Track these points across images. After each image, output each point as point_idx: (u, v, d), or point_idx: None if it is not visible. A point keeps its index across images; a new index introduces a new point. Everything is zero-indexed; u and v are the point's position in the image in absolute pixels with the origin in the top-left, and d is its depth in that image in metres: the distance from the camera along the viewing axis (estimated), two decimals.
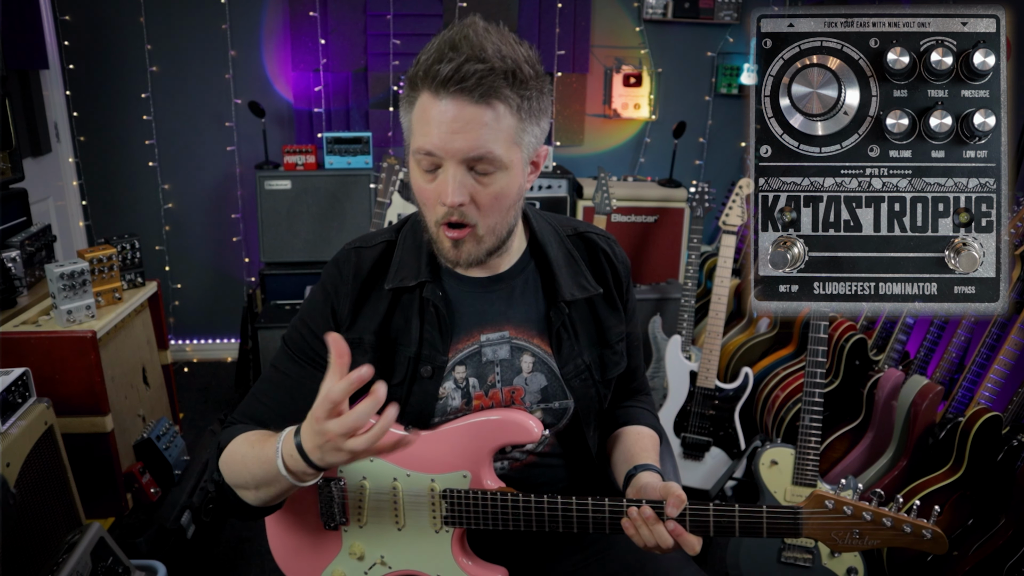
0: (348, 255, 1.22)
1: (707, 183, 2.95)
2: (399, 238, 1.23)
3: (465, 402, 1.21)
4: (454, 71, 0.98)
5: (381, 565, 1.24)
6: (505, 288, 1.21)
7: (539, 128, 1.09)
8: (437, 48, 1.01)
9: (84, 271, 2.08)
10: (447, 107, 1.00)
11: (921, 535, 1.07)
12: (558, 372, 1.22)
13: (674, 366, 2.68)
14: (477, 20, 1.03)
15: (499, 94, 1.00)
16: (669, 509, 1.07)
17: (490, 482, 1.18)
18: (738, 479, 2.56)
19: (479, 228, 1.08)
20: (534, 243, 1.24)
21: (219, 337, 3.95)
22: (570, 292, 1.21)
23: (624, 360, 1.31)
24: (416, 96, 1.04)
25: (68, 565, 1.52)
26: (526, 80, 1.02)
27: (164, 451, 2.19)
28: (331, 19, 3.55)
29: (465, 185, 1.04)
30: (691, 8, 3.71)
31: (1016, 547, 1.90)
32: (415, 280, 1.17)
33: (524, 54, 1.03)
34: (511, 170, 1.06)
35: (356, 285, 1.19)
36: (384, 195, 2.91)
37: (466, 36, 1.00)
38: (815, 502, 1.09)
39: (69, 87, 3.45)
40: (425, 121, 1.03)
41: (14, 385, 1.67)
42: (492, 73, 0.99)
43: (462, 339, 1.20)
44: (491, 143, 1.02)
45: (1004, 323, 2.12)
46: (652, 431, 1.33)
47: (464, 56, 0.98)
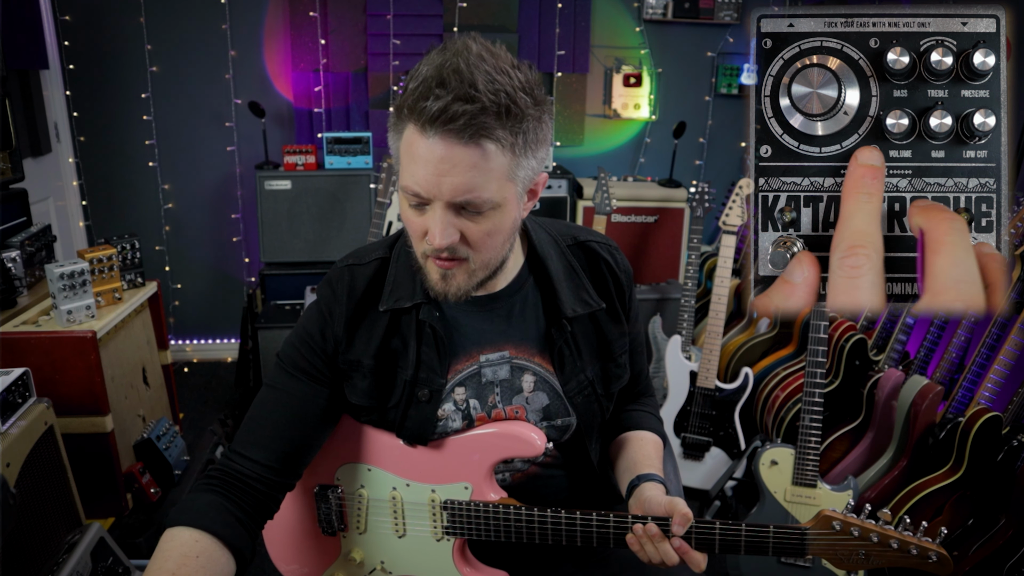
0: (341, 274, 1.17)
1: (707, 183, 2.95)
2: (393, 255, 1.18)
3: (466, 424, 1.18)
4: (441, 111, 0.91)
5: (381, 571, 1.23)
6: (504, 307, 1.17)
7: (535, 159, 1.02)
8: (424, 81, 0.93)
9: (84, 271, 2.08)
10: (434, 146, 0.93)
11: (927, 557, 1.07)
12: (560, 390, 1.19)
13: (674, 366, 2.68)
14: (471, 44, 0.95)
15: (490, 134, 0.93)
16: (675, 528, 1.06)
17: (492, 494, 1.16)
18: (738, 479, 2.56)
19: (471, 262, 1.03)
20: (533, 257, 1.19)
21: (219, 337, 3.95)
22: (572, 308, 1.16)
23: (627, 373, 1.28)
24: (403, 126, 0.98)
25: (68, 565, 1.52)
26: (521, 113, 0.94)
27: (164, 451, 2.18)
28: (331, 19, 3.55)
29: (454, 225, 0.98)
30: (691, 8, 3.71)
31: (1016, 547, 1.90)
32: (411, 301, 1.13)
33: (520, 81, 0.95)
34: (504, 207, 1.00)
35: (350, 306, 1.14)
36: (384, 195, 2.90)
37: (456, 69, 0.91)
38: (822, 523, 1.08)
39: (69, 87, 3.45)
40: (412, 158, 0.96)
41: (14, 385, 1.67)
42: (483, 113, 0.91)
43: (461, 360, 1.17)
44: (480, 186, 0.95)
45: (1004, 323, 2.12)
46: (655, 436, 1.32)
47: (452, 94, 0.90)
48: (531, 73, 0.99)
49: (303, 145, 3.37)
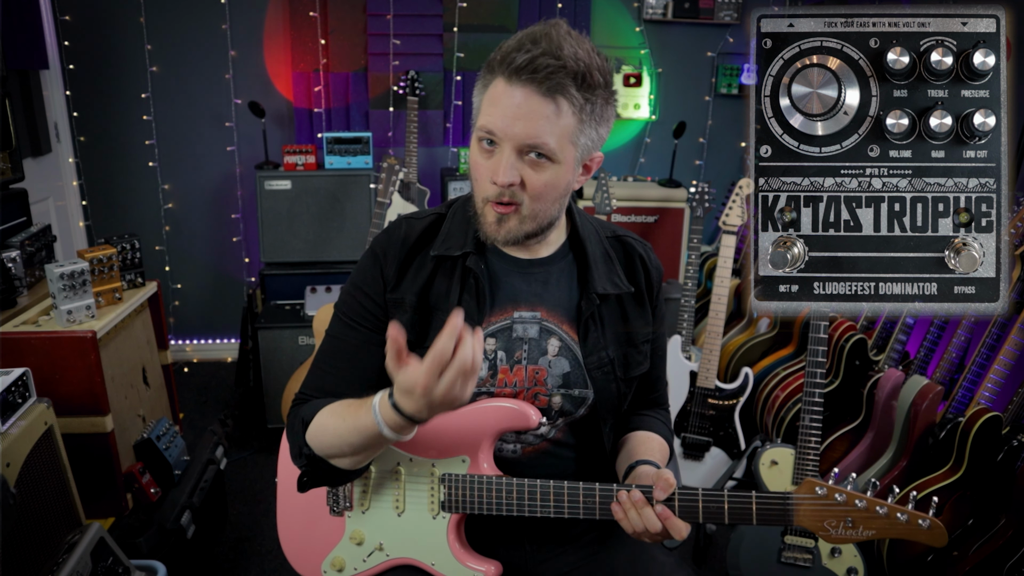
0: (399, 223, 1.28)
1: (707, 183, 2.95)
2: (449, 212, 1.29)
3: (491, 374, 1.24)
4: (528, 61, 1.03)
5: (379, 551, 1.27)
6: (543, 272, 1.26)
7: (597, 133, 1.13)
8: (519, 39, 1.07)
9: (84, 271, 2.08)
10: (515, 93, 1.06)
11: (917, 524, 1.06)
12: (582, 361, 1.25)
13: (674, 366, 2.68)
14: (562, 23, 1.09)
15: (565, 91, 1.05)
16: (657, 492, 1.10)
17: (487, 466, 1.21)
18: (738, 479, 2.57)
19: (524, 208, 1.13)
20: (575, 237, 1.28)
21: (219, 337, 3.95)
22: (602, 286, 1.25)
23: (647, 361, 1.33)
24: (491, 79, 1.10)
25: (68, 565, 1.52)
26: (594, 85, 1.07)
27: (164, 451, 2.18)
28: (331, 19, 3.55)
29: (517, 168, 1.09)
30: (691, 8, 3.71)
31: (1016, 547, 1.90)
32: (460, 251, 1.22)
33: (599, 63, 1.08)
34: (562, 165, 1.11)
35: (404, 250, 1.24)
36: (384, 195, 2.90)
37: (547, 33, 1.06)
38: (806, 488, 1.09)
39: (69, 87, 3.45)
40: (493, 102, 1.08)
41: (14, 385, 1.67)
42: (563, 70, 1.04)
43: (496, 313, 1.24)
44: (547, 135, 1.07)
45: (1004, 323, 2.12)
46: (663, 440, 1.34)
47: (541, 50, 1.04)
48: (607, 63, 1.11)
49: (303, 145, 3.37)
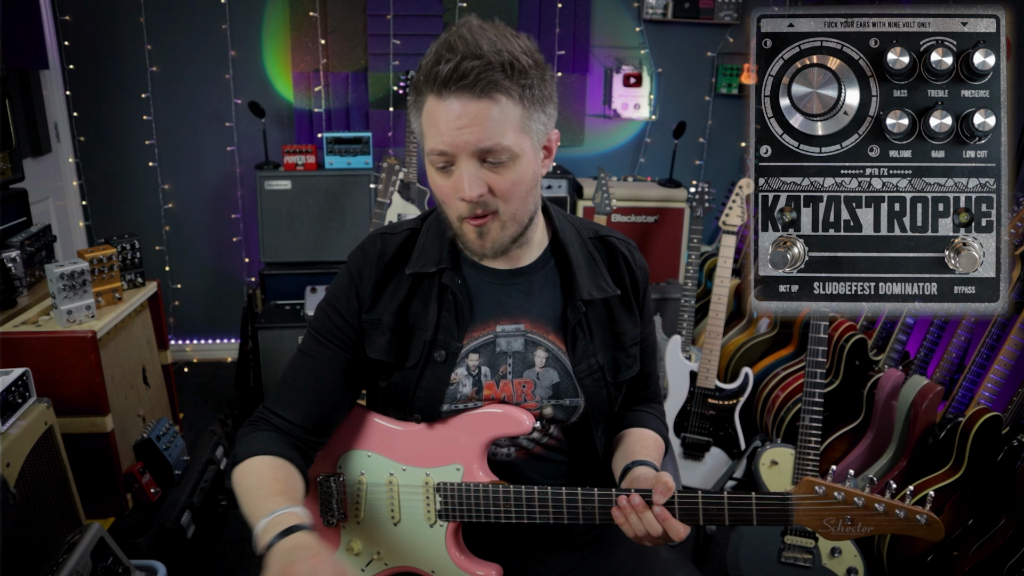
0: (374, 240, 1.26)
1: (707, 183, 2.95)
2: (424, 226, 1.26)
3: (476, 390, 1.22)
4: (452, 70, 1.01)
5: (378, 561, 1.25)
6: (524, 282, 1.24)
7: (545, 114, 1.11)
8: (435, 51, 1.04)
9: (84, 271, 2.08)
10: (452, 106, 1.03)
11: (915, 520, 1.07)
12: (571, 370, 1.23)
13: (674, 366, 2.68)
14: (471, 19, 1.06)
15: (499, 87, 1.03)
16: (656, 496, 1.09)
17: (482, 474, 1.20)
18: (738, 479, 2.56)
19: (502, 214, 1.11)
20: (556, 241, 1.26)
21: (219, 337, 3.95)
22: (588, 292, 1.22)
23: (637, 364, 1.31)
24: (423, 100, 1.07)
25: (68, 565, 1.52)
26: (524, 70, 1.05)
27: (164, 451, 2.18)
28: (331, 19, 3.54)
29: (480, 177, 1.07)
30: (691, 8, 3.71)
31: (1016, 547, 1.90)
32: (435, 267, 1.20)
33: (521, 46, 1.06)
34: (523, 157, 1.09)
35: (379, 268, 1.22)
36: (384, 195, 2.90)
37: (461, 36, 1.03)
38: (805, 488, 1.09)
39: (69, 87, 3.45)
40: (433, 122, 1.06)
41: (14, 385, 1.67)
42: (489, 68, 1.02)
43: (478, 327, 1.22)
44: (498, 135, 1.05)
45: (1004, 323, 2.12)
46: (657, 436, 1.33)
47: (460, 55, 1.01)
48: (529, 41, 1.09)
49: (303, 145, 3.37)
